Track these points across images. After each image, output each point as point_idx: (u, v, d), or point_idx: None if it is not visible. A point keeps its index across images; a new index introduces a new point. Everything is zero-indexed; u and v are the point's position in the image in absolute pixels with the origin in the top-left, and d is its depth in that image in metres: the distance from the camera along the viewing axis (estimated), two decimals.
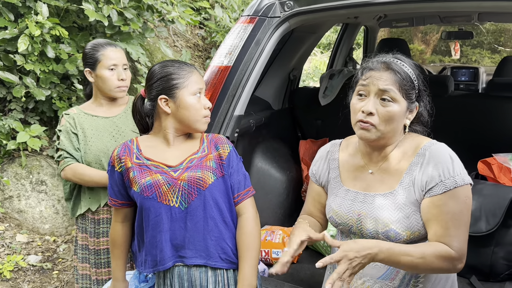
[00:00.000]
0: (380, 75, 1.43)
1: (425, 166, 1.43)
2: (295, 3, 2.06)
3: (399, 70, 1.43)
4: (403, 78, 1.42)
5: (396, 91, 1.41)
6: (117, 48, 2.09)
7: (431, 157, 1.42)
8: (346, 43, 4.22)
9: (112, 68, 2.05)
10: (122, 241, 1.70)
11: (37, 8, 3.14)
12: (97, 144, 2.05)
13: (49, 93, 3.43)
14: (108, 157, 2.01)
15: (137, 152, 1.59)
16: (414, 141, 1.50)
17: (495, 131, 2.72)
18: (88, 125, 2.08)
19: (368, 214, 1.49)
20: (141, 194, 1.53)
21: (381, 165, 1.52)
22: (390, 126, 1.43)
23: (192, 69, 1.58)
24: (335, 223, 1.60)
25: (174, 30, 5.54)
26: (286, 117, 3.29)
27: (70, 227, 3.60)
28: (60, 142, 2.08)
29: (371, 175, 1.53)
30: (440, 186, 1.38)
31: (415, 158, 1.45)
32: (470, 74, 4.63)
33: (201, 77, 1.59)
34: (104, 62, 2.04)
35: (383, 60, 1.46)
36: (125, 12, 3.38)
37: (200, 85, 1.57)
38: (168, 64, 1.58)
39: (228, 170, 1.58)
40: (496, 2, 1.74)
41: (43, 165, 3.63)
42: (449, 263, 1.36)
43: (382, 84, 1.41)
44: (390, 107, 1.41)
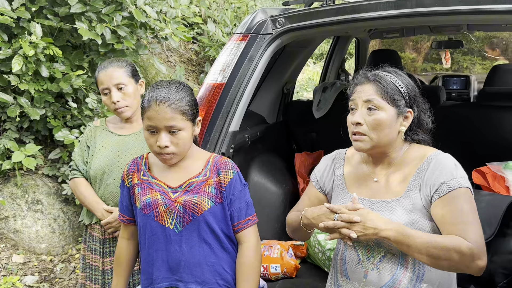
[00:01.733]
0: (363, 88, 1.53)
1: (430, 172, 1.47)
2: (287, 20, 2.09)
3: (380, 80, 1.52)
4: (385, 86, 1.51)
5: (380, 99, 1.50)
6: (109, 69, 2.04)
7: (437, 164, 1.48)
8: (338, 55, 4.26)
9: (105, 92, 2.05)
10: (126, 259, 1.68)
11: (31, 28, 3.15)
12: (100, 159, 2.07)
13: (44, 112, 3.43)
14: (109, 174, 2.05)
15: (145, 169, 1.60)
16: (420, 151, 1.56)
17: (488, 140, 2.74)
18: (100, 140, 2.11)
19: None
20: (141, 211, 1.55)
21: (386, 173, 1.57)
22: (381, 133, 1.50)
23: (151, 103, 1.46)
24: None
25: (168, 46, 5.57)
26: (281, 131, 3.30)
27: (66, 246, 3.58)
28: (74, 152, 2.19)
29: (376, 183, 1.57)
30: (444, 187, 1.43)
31: (421, 165, 1.51)
32: (462, 82, 4.68)
33: (162, 113, 1.45)
34: (99, 87, 2.07)
35: (366, 75, 1.56)
36: (118, 30, 3.41)
37: (152, 122, 1.46)
38: (146, 91, 1.53)
39: (228, 197, 1.54)
40: (483, 15, 1.78)
41: (39, 184, 3.62)
42: (467, 257, 1.33)
43: (365, 95, 1.51)
44: (376, 114, 1.49)
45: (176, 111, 1.46)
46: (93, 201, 2.06)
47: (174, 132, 1.47)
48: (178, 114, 1.46)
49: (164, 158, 1.50)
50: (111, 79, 2.02)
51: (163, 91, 1.48)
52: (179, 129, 1.47)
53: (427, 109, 1.60)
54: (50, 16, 3.34)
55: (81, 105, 3.64)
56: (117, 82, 2.03)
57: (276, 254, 2.38)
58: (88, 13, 3.32)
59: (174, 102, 1.46)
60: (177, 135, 1.48)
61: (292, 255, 2.43)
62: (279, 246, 2.42)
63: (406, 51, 11.45)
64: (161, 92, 1.48)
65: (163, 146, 1.47)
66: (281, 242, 2.52)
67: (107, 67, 2.05)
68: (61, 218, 3.60)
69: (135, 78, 2.10)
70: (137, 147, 2.08)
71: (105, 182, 2.06)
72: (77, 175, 2.13)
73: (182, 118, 1.48)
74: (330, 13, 2.01)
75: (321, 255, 2.40)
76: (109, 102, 2.05)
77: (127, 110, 2.07)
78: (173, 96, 1.47)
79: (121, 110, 2.06)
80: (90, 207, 2.08)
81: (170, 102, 1.45)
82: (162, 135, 1.46)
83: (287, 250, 2.42)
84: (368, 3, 1.93)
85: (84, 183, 2.12)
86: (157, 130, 1.47)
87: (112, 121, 2.19)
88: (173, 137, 1.47)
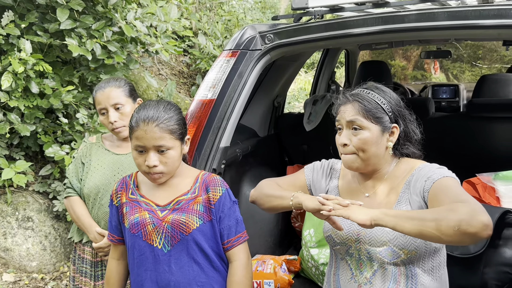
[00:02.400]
0: (346, 108, 1.54)
1: (415, 181, 1.48)
2: (275, 36, 2.10)
3: (362, 99, 1.52)
4: (366, 105, 1.51)
5: (362, 119, 1.50)
6: (106, 88, 2.01)
7: (422, 172, 1.48)
8: (328, 67, 4.29)
9: (103, 112, 2.03)
10: (116, 280, 1.66)
11: (20, 45, 3.15)
12: (96, 178, 2.04)
13: (34, 128, 3.42)
14: (104, 194, 2.03)
15: (133, 188, 1.60)
16: (409, 164, 1.56)
17: (478, 151, 2.77)
18: (96, 157, 2.09)
19: (367, 234, 1.51)
20: (129, 231, 1.54)
21: (376, 190, 1.58)
22: (369, 152, 1.51)
23: (140, 122, 1.46)
24: (333, 243, 1.61)
25: (159, 59, 5.58)
26: (272, 144, 3.31)
27: (58, 263, 3.54)
28: (68, 169, 2.14)
29: (367, 198, 1.58)
30: (429, 181, 1.42)
31: (409, 178, 1.51)
32: (451, 91, 4.72)
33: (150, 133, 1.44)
34: (96, 107, 2.05)
35: (347, 94, 1.57)
36: (108, 45, 3.41)
37: (141, 142, 1.46)
38: (134, 111, 1.53)
39: (217, 214, 1.53)
40: (469, 30, 1.80)
41: (29, 201, 3.58)
42: (465, 211, 1.20)
43: (348, 116, 1.52)
44: (361, 134, 1.50)
45: (164, 131, 1.46)
46: (86, 222, 2.04)
47: (162, 151, 1.47)
48: (166, 133, 1.47)
49: (153, 177, 1.50)
50: (108, 99, 2.00)
51: (151, 111, 1.47)
52: (168, 148, 1.47)
53: (414, 120, 1.61)
54: (39, 32, 3.34)
55: (72, 120, 3.62)
56: (114, 102, 2.00)
57: (270, 270, 2.37)
58: (78, 29, 3.32)
59: (163, 121, 1.46)
60: (166, 154, 1.48)
61: (285, 270, 2.42)
62: (273, 261, 2.42)
63: (396, 59, 11.56)
64: (149, 111, 1.47)
65: (151, 166, 1.46)
66: (274, 257, 2.51)
67: (105, 87, 2.02)
68: (52, 235, 3.57)
69: (133, 98, 2.08)
70: (134, 167, 2.05)
71: (99, 202, 2.03)
72: (72, 194, 2.09)
73: (170, 137, 1.48)
74: (318, 29, 2.03)
75: (314, 270, 2.39)
76: (107, 122, 2.02)
77: (125, 130, 2.04)
78: (162, 116, 1.47)
79: (119, 130, 2.03)
80: (83, 227, 2.05)
81: (158, 121, 1.46)
82: (151, 155, 1.46)
83: (280, 265, 2.41)
84: (356, 19, 1.95)
85: (78, 202, 2.08)
86: (145, 150, 1.47)
87: (109, 138, 2.16)
88: (162, 156, 1.47)
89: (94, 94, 2.04)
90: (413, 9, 1.97)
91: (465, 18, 1.75)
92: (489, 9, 1.72)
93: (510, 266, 2.08)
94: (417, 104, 3.05)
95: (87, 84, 3.72)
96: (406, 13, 1.86)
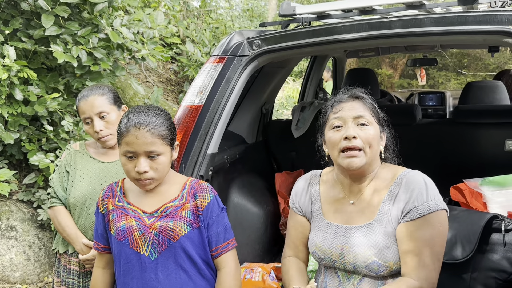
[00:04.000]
0: (351, 105, 1.53)
1: (400, 195, 1.48)
2: (263, 42, 2.10)
3: (365, 98, 1.56)
4: (371, 104, 1.55)
5: (370, 115, 1.52)
6: (90, 97, 1.96)
7: (407, 185, 1.48)
8: (315, 74, 4.31)
9: (87, 121, 1.98)
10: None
11: (4, 51, 3.10)
12: (82, 187, 1.99)
13: (18, 136, 3.36)
14: (91, 203, 1.98)
15: (120, 195, 1.57)
16: (391, 170, 1.56)
17: (464, 156, 2.79)
18: (81, 166, 2.03)
19: (350, 248, 1.50)
20: (116, 238, 1.51)
21: (361, 196, 1.57)
22: (373, 150, 1.51)
23: (130, 128, 1.43)
24: (318, 258, 1.60)
25: (146, 66, 5.55)
26: (260, 151, 3.29)
27: (42, 274, 3.46)
28: (52, 178, 2.07)
29: (352, 205, 1.57)
30: (413, 212, 1.43)
31: (392, 187, 1.51)
32: (437, 98, 4.77)
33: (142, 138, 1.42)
34: (80, 116, 2.00)
35: (349, 93, 1.58)
36: (94, 52, 3.37)
37: (131, 147, 1.43)
38: (123, 117, 1.50)
39: (205, 221, 1.51)
40: (455, 36, 1.82)
41: (13, 210, 3.51)
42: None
43: (355, 112, 1.51)
44: (368, 130, 1.50)
45: (156, 136, 1.44)
46: (72, 233, 1.98)
47: (153, 157, 1.45)
48: (158, 138, 1.45)
49: (143, 183, 1.48)
50: (92, 107, 1.95)
51: (142, 116, 1.45)
52: (159, 154, 1.45)
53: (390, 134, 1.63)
54: (24, 38, 3.29)
55: (57, 128, 3.57)
56: (98, 111, 1.95)
57: (258, 278, 2.34)
58: (64, 35, 3.28)
59: (154, 126, 1.44)
60: (156, 160, 1.45)
61: (274, 277, 2.39)
62: (261, 269, 2.39)
63: (383, 68, 11.68)
64: (140, 117, 1.45)
65: (142, 172, 1.44)
66: (262, 264, 2.48)
67: (88, 95, 1.97)
68: (36, 244, 3.49)
69: (117, 104, 2.03)
70: (121, 175, 1.99)
71: (86, 211, 1.98)
72: (56, 203, 2.03)
73: (161, 142, 1.46)
74: (306, 35, 2.03)
75: None
76: (92, 132, 1.97)
77: (111, 138, 2.00)
78: (153, 121, 1.45)
79: (105, 139, 1.99)
80: (69, 239, 2.00)
81: (150, 126, 1.44)
82: (141, 160, 1.44)
83: (269, 273, 2.38)
84: (343, 25, 1.96)
85: (63, 212, 2.02)
86: (136, 156, 1.44)
87: (93, 145, 2.11)
88: (152, 162, 1.45)
89: (77, 103, 1.99)
90: (400, 15, 1.99)
91: (450, 24, 1.77)
92: (474, 15, 1.74)
93: (498, 271, 2.08)
94: (404, 110, 3.07)
95: (73, 91, 3.68)
96: (392, 19, 1.87)
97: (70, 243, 2.01)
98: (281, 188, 3.10)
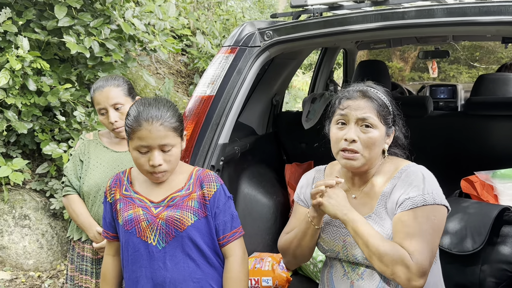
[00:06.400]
0: (358, 104, 1.49)
1: (397, 187, 1.47)
2: (274, 32, 2.10)
3: (375, 97, 1.49)
4: (379, 105, 1.49)
5: (375, 117, 1.47)
6: (105, 88, 1.97)
7: (405, 177, 1.47)
8: (326, 66, 4.29)
9: (102, 112, 1.99)
10: (112, 276, 1.66)
11: (18, 42, 3.13)
12: (96, 176, 2.02)
13: (31, 126, 3.40)
14: (104, 191, 1.99)
15: (127, 184, 1.59)
16: (393, 164, 1.55)
17: (476, 149, 2.77)
18: (95, 155, 2.06)
19: (352, 240, 1.50)
20: (123, 227, 1.53)
21: (363, 189, 1.57)
22: (373, 152, 1.49)
23: (142, 122, 1.43)
24: (323, 250, 1.62)
25: (157, 58, 5.57)
26: (270, 142, 3.31)
27: (55, 262, 3.52)
28: (66, 167, 2.10)
29: (354, 199, 1.57)
30: (407, 202, 1.42)
31: (392, 180, 1.51)
32: (449, 91, 4.72)
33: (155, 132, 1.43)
34: (95, 107, 2.02)
35: (359, 89, 1.52)
36: (106, 43, 3.40)
37: (145, 142, 1.44)
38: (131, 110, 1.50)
39: (212, 210, 1.52)
40: (468, 27, 1.81)
41: (26, 199, 3.57)
42: (404, 272, 1.34)
43: (360, 113, 1.47)
44: (371, 133, 1.47)
45: (168, 129, 1.45)
46: (86, 221, 2.02)
47: (166, 150, 1.46)
48: (170, 131, 1.46)
49: (157, 176, 1.49)
50: (107, 99, 1.97)
51: (153, 110, 1.45)
52: (172, 146, 1.47)
53: (403, 126, 1.61)
54: (37, 29, 3.32)
55: (69, 118, 3.61)
56: (114, 102, 1.97)
57: (268, 267, 2.36)
58: (76, 26, 3.31)
59: (166, 119, 1.45)
60: (169, 152, 1.47)
61: (283, 267, 2.41)
62: (271, 259, 2.41)
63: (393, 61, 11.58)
64: (151, 110, 1.45)
65: (156, 165, 1.45)
66: (272, 254, 2.51)
67: (103, 86, 1.98)
68: (49, 233, 3.55)
69: (132, 96, 2.05)
70: (133, 164, 2.05)
71: (99, 200, 2.01)
72: (71, 192, 2.07)
73: (174, 135, 1.47)
74: (317, 26, 2.03)
75: (312, 267, 2.39)
76: (107, 122, 2.00)
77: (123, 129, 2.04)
78: (164, 114, 1.46)
79: (119, 130, 2.00)
80: (82, 226, 2.03)
81: (162, 120, 1.44)
82: (155, 154, 1.45)
83: (278, 263, 2.40)
84: (355, 15, 1.95)
85: (77, 200, 2.06)
86: (149, 149, 1.45)
87: (106, 135, 2.14)
88: (165, 155, 1.46)
89: (92, 94, 2.01)
90: (412, 6, 1.97)
91: (463, 14, 1.75)
92: (488, 5, 1.72)
93: (508, 263, 2.08)
94: (416, 102, 3.05)
95: (85, 82, 3.71)
96: (405, 10, 1.86)
97: (84, 231, 2.04)
98: (291, 179, 3.11)
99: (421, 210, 1.40)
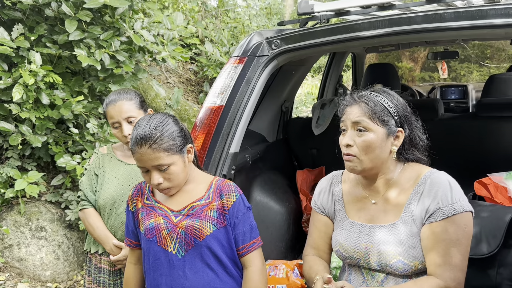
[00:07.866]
0: (352, 109, 1.53)
1: (424, 196, 1.47)
2: (282, 41, 2.11)
3: (368, 101, 1.51)
4: (372, 107, 1.50)
5: (368, 121, 1.49)
6: (118, 102, 1.99)
7: (431, 185, 1.47)
8: (335, 70, 4.29)
9: (115, 126, 2.01)
10: (134, 284, 1.69)
11: (30, 57, 3.19)
12: (111, 189, 2.05)
13: (45, 139, 3.46)
14: (120, 204, 2.04)
15: (149, 193, 1.62)
16: (415, 171, 1.55)
17: (488, 151, 2.75)
18: (109, 169, 2.09)
19: (374, 247, 1.51)
20: (144, 236, 1.56)
21: (383, 195, 1.57)
22: (371, 154, 1.50)
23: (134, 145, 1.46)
24: (342, 257, 1.61)
25: (166, 67, 5.62)
26: (281, 149, 3.31)
27: (71, 272, 3.56)
28: (81, 182, 2.14)
29: (375, 205, 1.57)
30: (438, 213, 1.42)
31: (416, 188, 1.50)
32: (460, 92, 4.70)
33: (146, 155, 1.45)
34: (108, 120, 2.04)
35: (354, 96, 1.56)
36: (117, 55, 3.44)
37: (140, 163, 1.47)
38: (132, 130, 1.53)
39: (232, 220, 1.53)
40: (476, 30, 1.80)
41: (42, 211, 3.62)
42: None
43: (353, 117, 1.51)
44: (365, 136, 1.49)
45: (158, 151, 1.45)
46: (102, 234, 2.04)
47: (163, 169, 1.47)
48: (161, 152, 1.45)
49: (163, 192, 1.54)
50: (120, 113, 1.98)
51: (141, 131, 1.45)
52: (167, 165, 1.47)
53: (420, 126, 1.59)
54: (49, 44, 3.38)
55: (82, 130, 3.66)
56: (127, 116, 1.99)
57: (282, 274, 2.36)
58: (87, 39, 3.36)
59: (155, 141, 1.44)
60: (168, 171, 1.48)
61: (297, 274, 2.41)
62: (285, 266, 2.41)
63: (403, 61, 11.52)
64: (140, 132, 1.46)
65: (155, 184, 1.49)
66: (286, 261, 2.50)
67: (116, 100, 2.00)
68: (65, 244, 3.59)
69: (144, 109, 2.07)
70: None
71: (115, 212, 2.04)
72: (87, 206, 2.10)
73: (167, 154, 1.46)
74: (325, 33, 2.03)
75: None
76: (120, 136, 2.02)
77: None
78: (153, 135, 1.44)
79: None
80: (99, 239, 2.06)
81: (150, 142, 1.44)
82: (153, 174, 1.48)
83: (292, 270, 2.40)
84: (363, 22, 1.95)
85: (94, 214, 2.09)
86: (148, 169, 1.49)
87: (119, 148, 2.17)
88: (164, 173, 1.48)
89: (105, 108, 2.03)
90: (420, 10, 1.97)
91: (472, 18, 1.75)
92: (496, 8, 1.71)
93: None
94: (426, 105, 3.04)
95: (97, 94, 3.77)
96: (412, 15, 1.86)
97: (101, 244, 2.07)
98: (303, 185, 3.12)
99: (452, 220, 1.41)
